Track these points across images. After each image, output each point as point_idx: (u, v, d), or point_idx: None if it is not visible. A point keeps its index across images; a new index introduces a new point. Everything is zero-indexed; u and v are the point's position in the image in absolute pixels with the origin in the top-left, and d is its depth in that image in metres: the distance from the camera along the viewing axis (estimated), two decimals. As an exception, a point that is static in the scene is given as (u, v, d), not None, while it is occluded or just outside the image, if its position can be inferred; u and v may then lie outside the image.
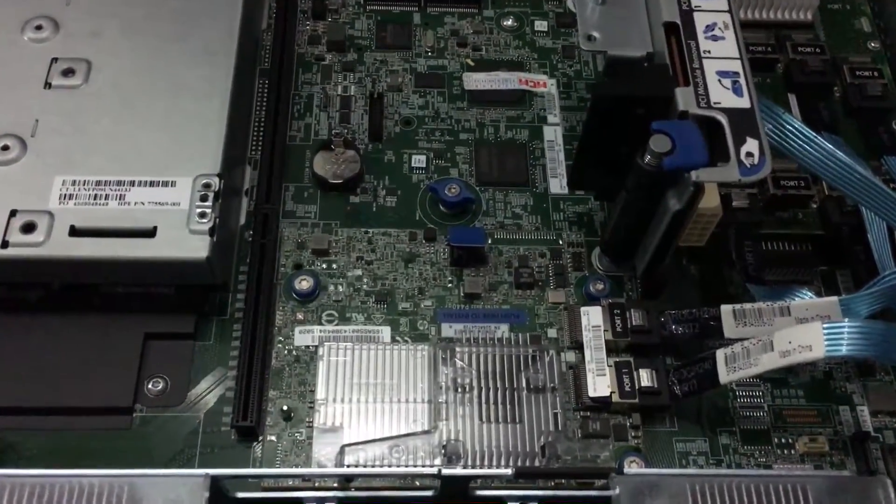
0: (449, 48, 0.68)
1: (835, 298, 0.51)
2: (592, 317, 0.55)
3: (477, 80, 0.66)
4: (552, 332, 0.56)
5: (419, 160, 0.62)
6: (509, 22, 0.70)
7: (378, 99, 0.65)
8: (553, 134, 0.64)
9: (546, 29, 0.69)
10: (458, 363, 0.53)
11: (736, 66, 0.51)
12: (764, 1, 0.67)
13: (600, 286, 0.57)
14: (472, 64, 0.67)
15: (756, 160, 0.47)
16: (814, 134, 0.52)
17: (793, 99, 0.64)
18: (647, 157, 0.48)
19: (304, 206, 0.60)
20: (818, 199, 0.60)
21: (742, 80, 0.50)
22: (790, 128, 0.52)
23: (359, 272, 0.58)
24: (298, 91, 0.65)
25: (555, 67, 0.67)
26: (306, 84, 0.65)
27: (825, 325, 0.46)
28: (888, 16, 0.68)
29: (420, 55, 0.67)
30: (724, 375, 0.50)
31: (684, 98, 0.49)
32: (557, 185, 0.62)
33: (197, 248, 0.51)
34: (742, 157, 0.47)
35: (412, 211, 0.60)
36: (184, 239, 0.52)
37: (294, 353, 0.54)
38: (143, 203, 0.52)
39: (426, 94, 0.66)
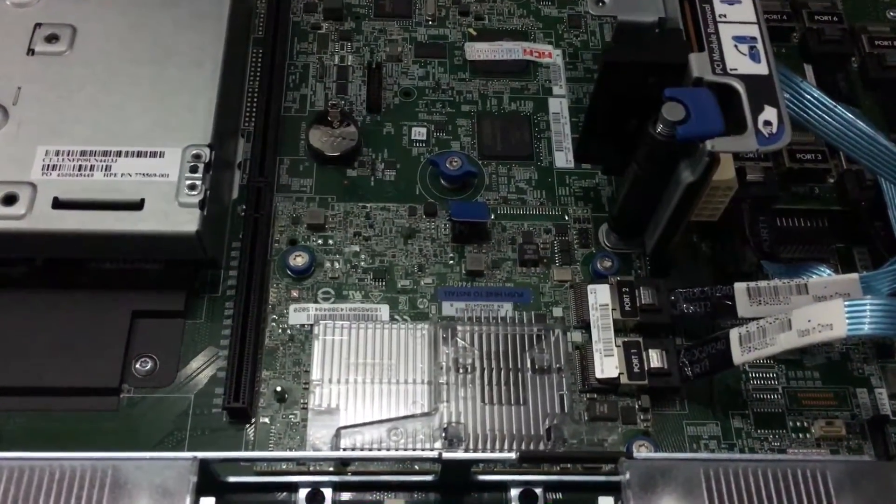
0: (450, 17, 0.65)
1: (855, 275, 0.49)
2: (600, 295, 0.53)
3: (479, 51, 0.64)
4: (558, 311, 0.54)
5: (419, 132, 0.60)
6: (514, -10, 0.67)
7: (377, 69, 0.62)
8: (559, 106, 0.62)
9: (552, -3, 0.67)
10: (460, 343, 0.51)
11: (753, 30, 0.48)
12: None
13: (608, 263, 0.55)
14: (474, 33, 0.65)
15: (774, 129, 0.45)
16: (833, 103, 0.49)
17: (809, 69, 0.61)
18: (660, 127, 0.46)
19: (299, 180, 0.57)
20: (836, 173, 0.58)
21: (759, 46, 0.48)
22: (809, 97, 0.50)
23: (356, 248, 0.55)
24: (293, 61, 0.62)
25: (560, 37, 0.65)
26: (302, 54, 0.62)
27: (847, 303, 0.44)
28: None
29: (420, 24, 0.65)
30: (739, 356, 0.48)
31: (699, 64, 0.47)
32: (563, 158, 0.59)
33: (186, 221, 0.49)
34: (760, 125, 0.45)
35: (412, 185, 0.58)
36: (173, 212, 0.49)
37: (288, 332, 0.52)
38: (129, 174, 0.50)
39: (426, 64, 0.63)
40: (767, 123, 0.45)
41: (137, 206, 0.49)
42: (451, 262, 0.55)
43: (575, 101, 0.62)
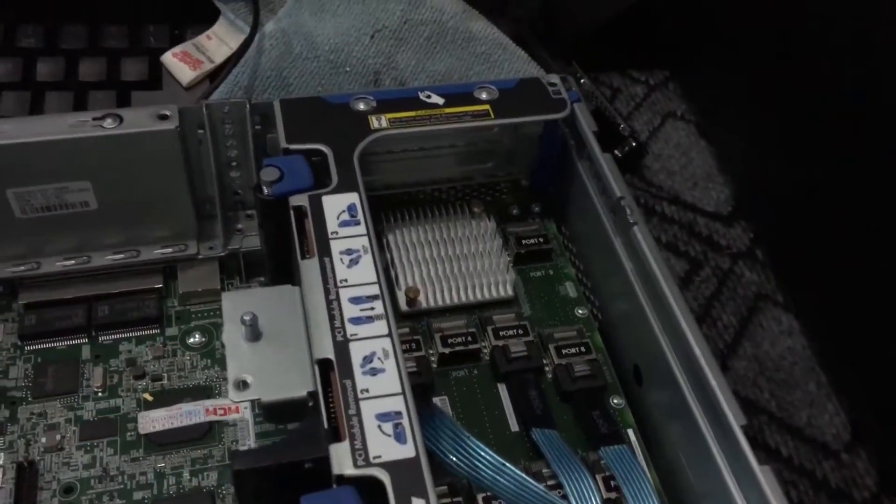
0: (124, 383, 0.59)
1: None
2: None
3: (155, 420, 0.57)
4: None
5: (81, 545, 0.52)
6: (195, 338, 0.62)
7: (30, 467, 0.54)
8: (247, 472, 0.56)
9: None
10: None
11: (398, 403, 0.44)
12: (464, 282, 0.62)
13: None
14: (150, 399, 0.59)
15: (423, 529, 0.40)
16: (502, 462, 0.46)
17: (503, 389, 0.58)
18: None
19: None
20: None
21: (405, 421, 0.44)
22: (480, 458, 0.46)
23: None
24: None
25: (249, 385, 0.60)
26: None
27: None
28: (594, 277, 0.65)
29: (88, 398, 0.58)
30: None
31: (338, 457, 0.42)
32: (253, 539, 0.53)
33: None
34: (408, 527, 0.40)
35: None
36: None
37: None
38: None
39: (93, 447, 0.56)
40: (416, 523, 0.40)
41: None
42: None
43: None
